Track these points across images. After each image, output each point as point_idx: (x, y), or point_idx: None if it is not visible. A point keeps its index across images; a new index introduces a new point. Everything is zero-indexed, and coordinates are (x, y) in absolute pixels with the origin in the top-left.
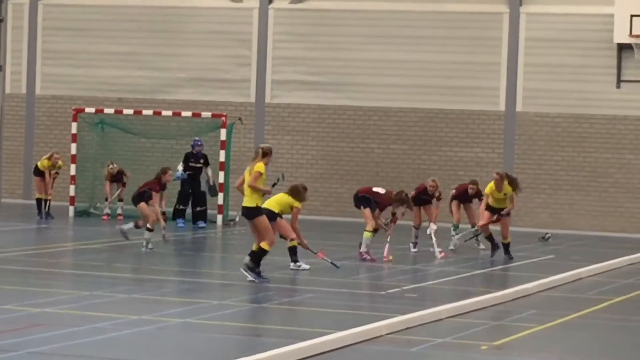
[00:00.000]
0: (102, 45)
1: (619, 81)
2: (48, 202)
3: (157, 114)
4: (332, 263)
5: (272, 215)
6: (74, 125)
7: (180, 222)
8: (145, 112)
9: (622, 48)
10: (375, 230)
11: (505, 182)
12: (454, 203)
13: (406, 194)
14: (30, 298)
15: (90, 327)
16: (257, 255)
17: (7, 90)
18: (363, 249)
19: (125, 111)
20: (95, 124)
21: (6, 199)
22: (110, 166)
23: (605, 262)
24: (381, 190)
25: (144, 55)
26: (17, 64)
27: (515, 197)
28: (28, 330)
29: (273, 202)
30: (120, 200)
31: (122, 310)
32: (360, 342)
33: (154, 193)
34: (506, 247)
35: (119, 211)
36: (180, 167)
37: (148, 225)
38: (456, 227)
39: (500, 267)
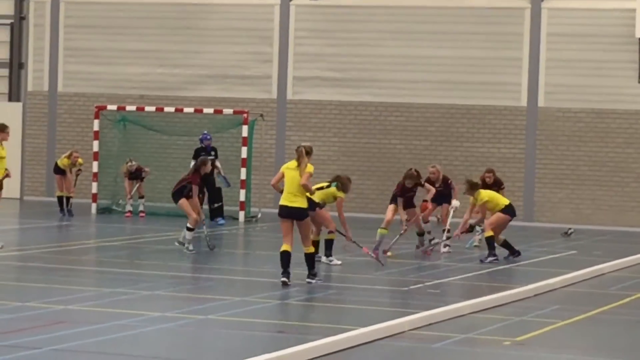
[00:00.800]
0: (123, 42)
1: None
2: (70, 199)
3: (179, 111)
4: (377, 259)
5: (312, 205)
6: (96, 122)
7: (220, 220)
8: (167, 109)
9: None
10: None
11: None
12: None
13: (411, 169)
14: (53, 295)
15: (113, 324)
16: (310, 260)
17: (30, 87)
18: (376, 245)
19: (147, 108)
20: (117, 121)
21: (28, 197)
22: (129, 163)
23: (627, 257)
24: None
25: (165, 53)
26: (39, 61)
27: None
28: (51, 327)
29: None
30: (141, 197)
31: (144, 307)
32: (383, 338)
33: (194, 186)
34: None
35: (141, 208)
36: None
37: (188, 225)
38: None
39: (522, 263)
